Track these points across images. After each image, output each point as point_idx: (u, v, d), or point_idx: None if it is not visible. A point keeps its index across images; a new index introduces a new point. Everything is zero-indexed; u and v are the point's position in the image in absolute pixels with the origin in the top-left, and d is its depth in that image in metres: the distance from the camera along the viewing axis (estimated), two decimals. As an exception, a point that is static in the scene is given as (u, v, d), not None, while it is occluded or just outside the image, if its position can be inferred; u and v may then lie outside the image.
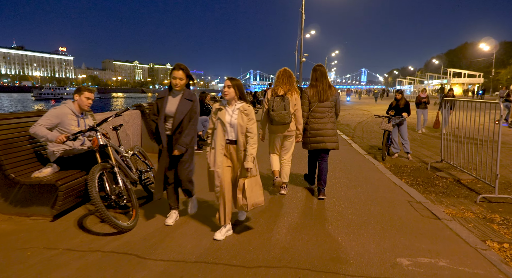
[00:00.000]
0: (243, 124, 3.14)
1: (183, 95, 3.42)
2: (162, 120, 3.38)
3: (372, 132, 12.36)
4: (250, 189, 3.12)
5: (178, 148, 3.34)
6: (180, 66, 3.36)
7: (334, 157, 7.14)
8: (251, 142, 3.15)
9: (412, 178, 5.96)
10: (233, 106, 3.21)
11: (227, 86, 3.17)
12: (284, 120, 4.19)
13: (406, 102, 7.73)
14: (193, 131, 3.43)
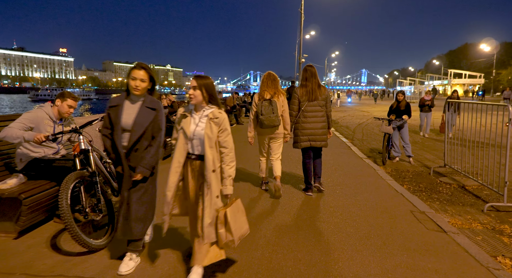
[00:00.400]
0: (212, 135, 2.43)
1: (143, 103, 2.69)
2: (120, 135, 2.62)
3: (372, 134, 12.04)
4: (234, 220, 2.45)
5: (141, 170, 2.57)
6: (142, 65, 2.70)
7: (332, 161, 6.83)
8: (227, 159, 2.48)
9: (414, 184, 5.64)
10: (200, 112, 2.51)
11: (193, 87, 2.47)
12: (273, 123, 4.36)
13: (407, 104, 7.42)
14: (158, 149, 2.70)
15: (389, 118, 7.41)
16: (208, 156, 2.41)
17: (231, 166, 2.50)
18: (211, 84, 2.53)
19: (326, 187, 5.01)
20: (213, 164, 2.43)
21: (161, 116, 2.74)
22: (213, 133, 2.44)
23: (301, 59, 25.42)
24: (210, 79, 2.54)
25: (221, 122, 2.46)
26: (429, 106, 11.26)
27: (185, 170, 2.55)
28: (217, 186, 2.45)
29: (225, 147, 2.48)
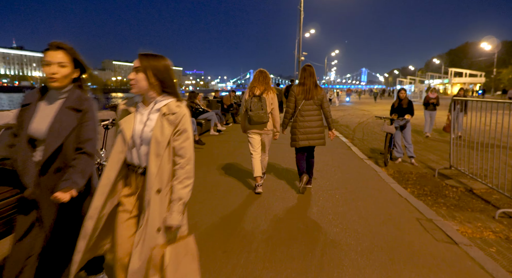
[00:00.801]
0: (162, 138, 1.68)
1: (65, 101, 1.93)
2: (25, 145, 1.88)
3: (372, 134, 11.70)
4: (175, 265, 1.67)
5: (65, 187, 1.79)
6: (58, 44, 1.90)
7: (332, 162, 6.48)
8: (181, 174, 1.72)
9: (418, 187, 5.30)
10: (150, 106, 1.77)
11: (134, 69, 1.75)
12: (262, 120, 4.40)
13: (409, 102, 7.07)
14: (89, 164, 1.92)
15: (391, 117, 7.07)
16: (151, 169, 1.66)
17: (185, 185, 1.71)
18: (164, 67, 1.74)
19: (325, 191, 4.67)
20: (158, 181, 1.68)
21: (91, 119, 1.95)
22: (165, 135, 1.68)
23: (301, 57, 25.06)
24: (163, 60, 1.76)
25: (178, 119, 1.70)
26: (434, 105, 10.77)
27: (127, 191, 1.82)
28: (160, 213, 1.69)
29: (181, 156, 1.71)
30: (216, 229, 3.38)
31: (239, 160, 6.50)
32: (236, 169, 5.80)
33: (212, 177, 5.28)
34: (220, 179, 5.16)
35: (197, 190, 4.53)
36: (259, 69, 4.67)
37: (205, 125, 9.41)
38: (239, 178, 5.28)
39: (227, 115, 12.57)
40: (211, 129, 9.56)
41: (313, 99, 4.53)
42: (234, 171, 5.65)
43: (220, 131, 9.86)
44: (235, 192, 4.60)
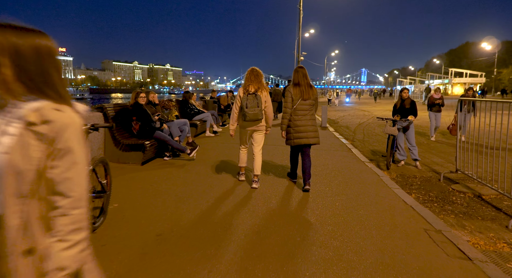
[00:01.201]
0: (27, 166, 0.97)
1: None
2: None
3: (373, 135, 11.39)
4: None
5: None
6: None
7: (332, 166, 6.17)
8: (63, 224, 1.00)
9: (423, 193, 5.00)
10: (7, 112, 1.01)
11: None
12: (257, 117, 4.53)
13: (412, 102, 6.77)
14: None
15: (393, 118, 6.76)
16: (10, 219, 0.97)
17: (71, 245, 1.01)
18: (33, 49, 1.03)
19: (324, 198, 4.36)
20: (26, 237, 0.99)
21: None
22: (31, 159, 0.98)
23: (300, 57, 24.76)
24: (32, 37, 1.04)
25: (56, 133, 1.00)
26: (440, 105, 10.14)
27: None
28: None
29: (64, 194, 1.01)
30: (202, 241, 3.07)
31: (233, 164, 6.20)
32: (229, 172, 5.49)
33: (202, 181, 4.97)
34: (212, 183, 4.85)
35: (186, 197, 4.23)
36: (251, 67, 4.75)
37: (201, 127, 9.10)
38: (231, 183, 4.97)
39: (224, 115, 12.26)
40: (206, 130, 9.25)
41: (309, 99, 4.68)
42: (226, 176, 5.34)
43: (216, 133, 9.55)
44: (226, 199, 4.29)
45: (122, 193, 4.23)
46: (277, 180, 5.19)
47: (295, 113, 4.67)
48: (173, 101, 8.55)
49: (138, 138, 5.71)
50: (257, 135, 4.81)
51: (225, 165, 6.05)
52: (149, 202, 3.97)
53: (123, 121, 5.84)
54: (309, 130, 4.67)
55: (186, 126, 6.69)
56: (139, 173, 5.17)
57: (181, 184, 4.76)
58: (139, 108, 5.72)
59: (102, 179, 3.12)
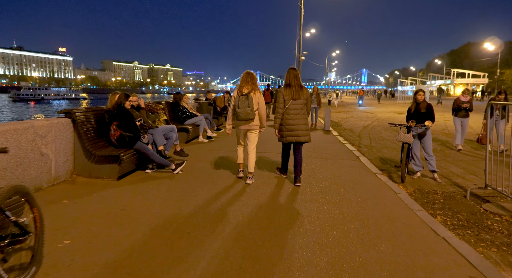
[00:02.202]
0: None
1: None
2: None
3: (380, 140, 10.59)
4: None
5: None
6: None
7: (340, 179, 5.36)
8: None
9: (450, 214, 4.21)
10: None
11: None
12: (248, 116, 4.74)
13: (428, 106, 5.97)
14: None
15: (408, 124, 5.95)
16: None
17: None
18: None
19: (335, 226, 3.54)
20: None
21: None
22: None
23: (301, 57, 23.98)
24: None
25: None
26: (467, 110, 8.52)
27: None
28: None
29: None
30: None
31: (227, 175, 5.39)
32: (221, 186, 4.69)
33: (187, 201, 4.17)
34: (199, 203, 4.05)
35: (163, 226, 3.42)
36: (246, 71, 5.00)
37: (193, 131, 8.29)
38: (224, 202, 4.17)
39: (220, 118, 11.46)
40: (200, 135, 8.45)
41: (300, 99, 4.92)
42: (218, 191, 4.53)
43: (210, 138, 8.74)
44: (217, 226, 3.49)
45: (82, 221, 3.39)
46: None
47: (287, 112, 4.92)
48: (161, 104, 7.74)
49: (116, 148, 4.91)
50: (250, 134, 5.03)
51: (218, 176, 5.25)
52: (113, 236, 3.12)
53: (99, 127, 5.04)
54: (300, 129, 4.93)
55: (173, 132, 5.88)
56: (112, 191, 4.35)
57: (161, 205, 3.95)
58: (124, 113, 4.92)
59: (23, 216, 2.25)
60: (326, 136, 10.73)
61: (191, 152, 7.18)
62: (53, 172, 4.31)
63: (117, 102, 4.98)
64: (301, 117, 4.94)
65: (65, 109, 4.64)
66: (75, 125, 4.62)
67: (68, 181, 4.65)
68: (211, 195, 4.37)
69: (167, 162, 5.14)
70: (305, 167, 6.10)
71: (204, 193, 4.46)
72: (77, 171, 4.81)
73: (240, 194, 4.48)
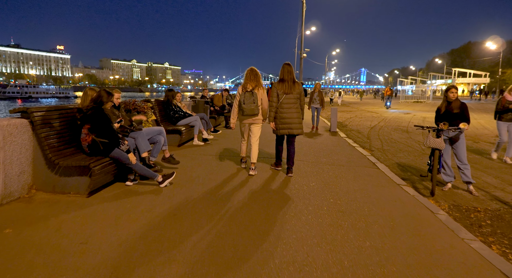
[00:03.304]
0: None
1: None
2: None
3: (392, 142, 9.68)
4: None
5: None
6: None
7: (361, 195, 4.43)
8: None
9: (506, 243, 3.31)
10: None
11: None
12: (253, 112, 5.02)
13: (462, 105, 5.05)
14: None
15: (438, 127, 5.03)
16: None
17: None
18: None
19: (367, 267, 2.64)
20: None
21: None
22: None
23: (303, 53, 23.03)
24: None
25: None
26: None
27: None
28: None
29: None
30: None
31: (224, 188, 4.48)
32: (219, 200, 3.78)
33: (175, 225, 3.25)
34: (190, 229, 3.13)
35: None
36: (250, 67, 5.15)
37: (187, 133, 7.36)
38: (221, 226, 3.25)
39: (218, 118, 10.51)
40: (194, 138, 7.51)
41: (292, 94, 5.10)
42: (215, 208, 3.61)
43: (206, 141, 7.81)
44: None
45: (15, 270, 2.46)
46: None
47: (281, 106, 5.15)
48: (150, 102, 6.80)
49: (88, 156, 3.99)
50: (254, 127, 5.27)
51: (214, 189, 4.33)
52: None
53: (69, 131, 4.11)
54: (293, 122, 5.15)
55: (160, 136, 4.94)
56: (77, 214, 3.39)
57: (138, 235, 3.04)
58: (98, 114, 3.97)
59: None
60: (333, 138, 9.82)
61: (184, 157, 6.25)
62: (1, 188, 3.38)
63: (95, 99, 4.04)
64: (294, 111, 5.15)
65: (19, 108, 3.70)
66: (34, 128, 3.67)
67: (23, 199, 3.70)
68: (206, 218, 3.45)
69: (151, 173, 4.21)
70: (318, 177, 5.19)
71: (197, 215, 3.54)
72: (37, 185, 3.86)
73: (246, 211, 3.57)
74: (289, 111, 5.11)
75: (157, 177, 4.22)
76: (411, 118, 17.67)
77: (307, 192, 4.43)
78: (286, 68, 5.16)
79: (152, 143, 4.89)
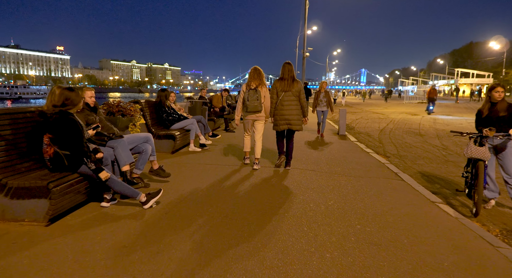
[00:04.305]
0: None
1: None
2: None
3: (408, 147, 8.83)
4: None
5: None
6: None
7: (394, 218, 3.57)
8: None
9: None
10: None
11: None
12: (256, 109, 5.24)
13: (510, 107, 4.20)
14: None
15: (483, 133, 4.15)
16: None
17: None
18: None
19: None
20: None
21: None
22: None
23: (306, 52, 22.18)
24: None
25: None
26: None
27: None
28: None
29: None
30: None
31: (226, 207, 3.63)
32: (220, 238, 2.93)
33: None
34: None
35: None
36: (254, 66, 5.42)
37: (182, 139, 6.50)
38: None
39: (217, 121, 9.64)
40: (190, 143, 6.66)
41: (291, 91, 5.33)
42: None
43: (204, 146, 6.95)
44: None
45: None
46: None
47: (280, 103, 5.34)
48: (139, 103, 5.95)
49: (51, 171, 3.14)
50: (257, 124, 5.49)
51: (213, 211, 3.48)
52: None
53: (27, 140, 3.26)
54: (293, 118, 5.33)
55: (147, 143, 4.08)
56: (25, 255, 2.53)
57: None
58: (64, 121, 3.12)
59: None
60: (343, 142, 8.97)
61: (177, 167, 5.40)
62: None
63: (64, 101, 3.18)
64: (294, 108, 5.35)
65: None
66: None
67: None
68: (206, 258, 2.60)
69: (132, 191, 3.36)
70: (335, 193, 4.35)
71: (187, 250, 2.69)
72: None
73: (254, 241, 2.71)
74: (288, 108, 5.34)
75: (139, 196, 3.37)
76: (421, 120, 16.83)
77: (326, 215, 3.58)
78: (286, 67, 5.39)
79: (137, 153, 4.03)
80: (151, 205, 3.46)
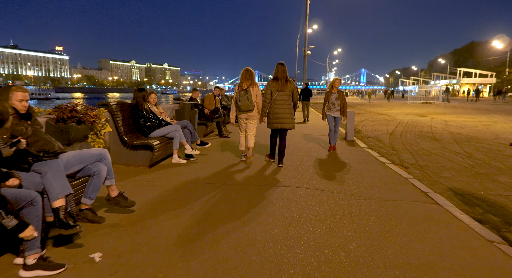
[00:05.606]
0: None
1: None
2: None
3: (425, 154, 7.72)
4: None
5: None
6: None
7: (444, 273, 2.48)
8: None
9: None
10: None
11: None
12: (248, 108, 5.50)
13: None
14: None
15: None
16: None
17: None
18: None
19: None
20: None
21: None
22: None
23: (307, 51, 21.08)
24: None
25: None
26: None
27: None
28: None
29: None
30: None
31: (210, 265, 2.54)
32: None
33: None
34: None
35: None
36: (246, 68, 5.61)
37: (163, 149, 5.37)
38: None
39: (209, 125, 8.51)
40: (174, 154, 5.53)
41: (285, 91, 5.55)
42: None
43: (191, 157, 5.83)
44: None
45: None
46: None
47: (274, 102, 5.59)
48: (108, 106, 4.82)
49: None
50: (249, 123, 5.81)
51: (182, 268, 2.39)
52: None
53: None
54: (285, 117, 5.58)
55: (100, 163, 2.95)
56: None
57: None
58: None
59: None
60: (353, 149, 7.87)
61: (150, 189, 4.26)
62: None
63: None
64: (287, 107, 5.57)
65: None
66: None
67: None
68: None
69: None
70: (356, 228, 3.25)
71: None
72: None
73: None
74: (281, 107, 5.56)
75: (31, 252, 2.25)
76: (430, 121, 15.75)
77: (349, 270, 2.48)
78: (279, 67, 5.60)
79: (87, 176, 2.93)
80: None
